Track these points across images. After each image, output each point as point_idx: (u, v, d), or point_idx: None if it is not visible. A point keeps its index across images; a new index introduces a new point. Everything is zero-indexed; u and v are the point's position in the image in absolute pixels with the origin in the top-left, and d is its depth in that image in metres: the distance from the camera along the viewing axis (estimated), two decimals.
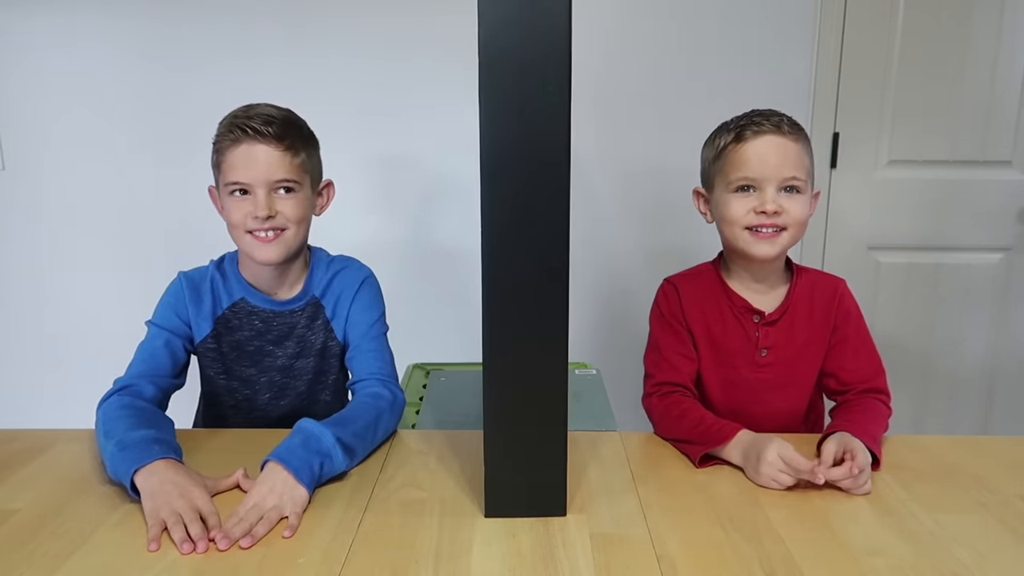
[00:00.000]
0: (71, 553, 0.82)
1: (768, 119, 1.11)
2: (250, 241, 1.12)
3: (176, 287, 1.19)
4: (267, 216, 1.10)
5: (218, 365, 1.21)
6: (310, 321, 1.21)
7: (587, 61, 1.78)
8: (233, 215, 1.12)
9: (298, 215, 1.13)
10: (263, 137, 1.08)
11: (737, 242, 1.13)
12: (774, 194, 1.09)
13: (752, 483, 0.99)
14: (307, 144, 1.15)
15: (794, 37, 2.05)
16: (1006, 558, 0.82)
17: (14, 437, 1.12)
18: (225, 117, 1.13)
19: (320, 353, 1.23)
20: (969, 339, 2.25)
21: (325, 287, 1.22)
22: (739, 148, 1.10)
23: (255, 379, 1.22)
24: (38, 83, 2.07)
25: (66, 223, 2.16)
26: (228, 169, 1.10)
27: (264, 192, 1.10)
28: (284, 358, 1.22)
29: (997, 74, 2.08)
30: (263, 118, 1.09)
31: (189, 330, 1.18)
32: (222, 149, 1.11)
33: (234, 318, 1.19)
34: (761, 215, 1.09)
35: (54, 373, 2.25)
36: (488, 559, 0.82)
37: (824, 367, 1.20)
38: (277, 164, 1.10)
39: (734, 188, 1.12)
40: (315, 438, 0.97)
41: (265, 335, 1.20)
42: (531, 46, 0.78)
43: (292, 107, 1.17)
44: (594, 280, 2.18)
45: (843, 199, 2.16)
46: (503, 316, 0.85)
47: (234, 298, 1.19)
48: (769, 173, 1.09)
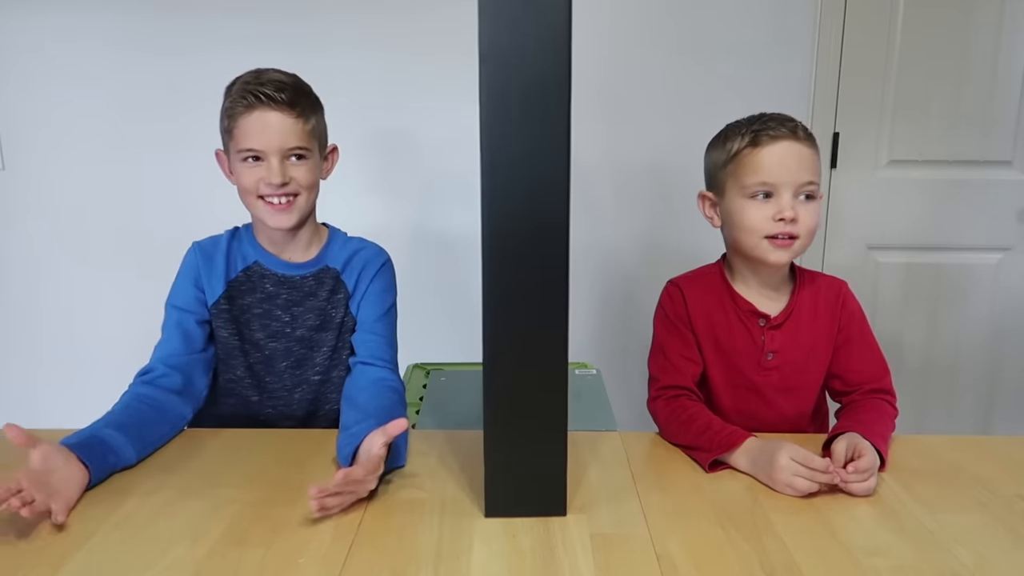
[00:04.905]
0: (71, 553, 0.81)
1: (783, 124, 1.10)
2: (263, 207, 1.15)
3: (191, 257, 1.22)
4: (281, 183, 1.12)
5: (231, 327, 1.21)
6: (330, 294, 1.22)
7: (587, 61, 1.78)
8: (245, 180, 1.14)
9: (309, 181, 1.16)
10: (276, 104, 1.10)
11: (755, 250, 1.12)
12: (791, 201, 1.09)
13: (752, 483, 0.99)
14: (315, 110, 1.17)
15: (794, 37, 2.05)
16: (1006, 558, 0.82)
17: None
18: (234, 83, 1.14)
19: (339, 327, 1.23)
20: (969, 339, 2.25)
21: (346, 261, 1.23)
22: (756, 153, 1.10)
23: (265, 343, 1.22)
24: (38, 83, 2.07)
25: (66, 223, 2.16)
26: (241, 136, 1.12)
27: (277, 160, 1.12)
28: (304, 329, 1.22)
29: (997, 74, 2.08)
30: (275, 84, 1.11)
31: (204, 295, 1.20)
32: (235, 115, 1.12)
33: (247, 281, 1.21)
34: (780, 223, 1.09)
35: (53, 373, 2.25)
36: (488, 559, 0.82)
37: (830, 369, 1.20)
38: (291, 131, 1.12)
39: (750, 194, 1.10)
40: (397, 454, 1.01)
41: (275, 298, 1.21)
42: (531, 45, 0.78)
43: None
44: (594, 280, 2.18)
45: (843, 199, 2.16)
46: (503, 316, 0.85)
47: (248, 262, 1.22)
48: (787, 179, 1.09)
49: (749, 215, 1.11)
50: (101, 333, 2.20)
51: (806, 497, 0.95)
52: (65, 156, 2.12)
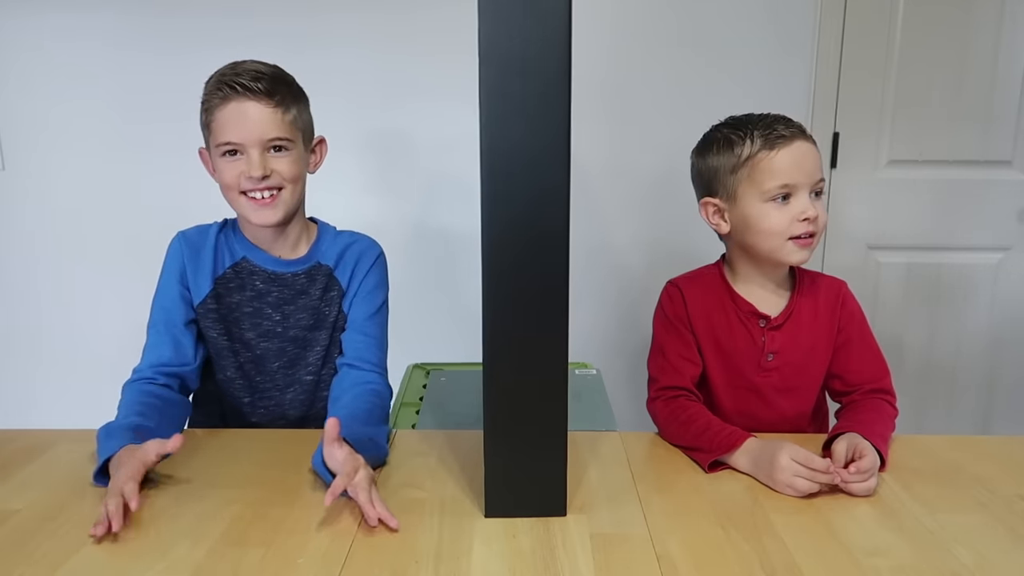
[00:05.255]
0: (71, 553, 0.81)
1: (789, 125, 1.11)
2: (245, 203, 1.11)
3: (175, 250, 1.17)
4: (262, 176, 1.08)
5: (220, 326, 1.17)
6: (323, 292, 1.19)
7: (587, 60, 1.77)
8: (226, 176, 1.10)
9: (293, 173, 1.11)
10: (253, 94, 1.06)
11: (778, 253, 1.11)
12: (808, 199, 1.09)
13: (752, 483, 0.99)
14: (297, 100, 1.13)
15: (794, 37, 2.05)
16: (1006, 558, 0.82)
17: (14, 437, 1.11)
18: (212, 76, 1.10)
19: (332, 326, 1.21)
20: (969, 339, 2.25)
21: (338, 257, 1.20)
22: (772, 156, 1.09)
23: (256, 343, 1.19)
24: (37, 83, 2.07)
25: (66, 223, 2.16)
26: (218, 129, 1.08)
27: (257, 152, 1.08)
28: (297, 329, 1.19)
29: (997, 74, 2.08)
30: (251, 74, 1.07)
31: (189, 293, 1.16)
32: (211, 108, 1.08)
33: (236, 277, 1.17)
34: (804, 223, 1.09)
35: (54, 372, 2.25)
36: (488, 559, 0.82)
37: (830, 369, 1.20)
38: (269, 122, 1.07)
39: (770, 197, 1.10)
40: (375, 444, 1.00)
41: (266, 296, 1.18)
42: (531, 46, 0.78)
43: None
44: (594, 280, 2.18)
45: (843, 199, 2.16)
46: (503, 316, 0.85)
47: (236, 257, 1.18)
48: (804, 179, 1.09)
49: (772, 219, 1.10)
50: (100, 331, 2.20)
51: (806, 497, 0.95)
52: (65, 155, 2.12)
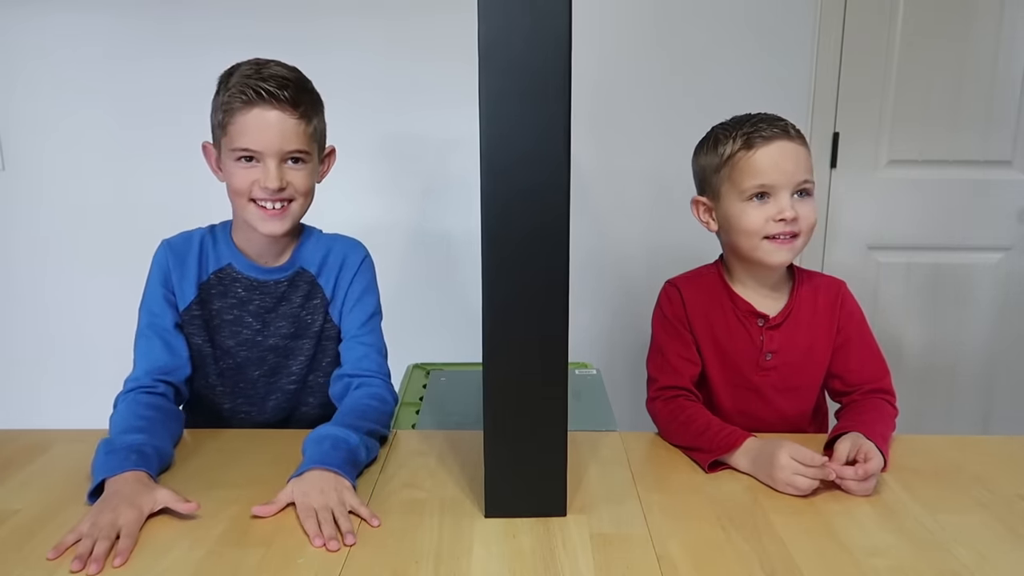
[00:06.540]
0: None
1: (774, 124, 1.10)
2: (254, 211, 1.08)
3: (160, 257, 1.15)
4: (278, 188, 1.06)
5: (204, 333, 1.16)
6: (305, 300, 1.17)
7: (587, 60, 1.78)
8: (238, 181, 1.07)
9: (306, 187, 1.10)
10: (277, 102, 1.03)
11: (756, 252, 1.12)
12: (789, 200, 1.09)
13: (752, 483, 0.99)
14: (317, 109, 1.11)
15: (794, 37, 2.05)
16: (1006, 558, 0.82)
17: (14, 437, 1.11)
18: (231, 73, 1.07)
19: (318, 335, 1.18)
20: (969, 339, 2.25)
21: (321, 262, 1.17)
22: (751, 155, 1.09)
23: (236, 351, 1.17)
24: (38, 83, 2.07)
25: (66, 223, 2.16)
26: (237, 134, 1.05)
27: (275, 163, 1.05)
28: (277, 338, 1.17)
29: (997, 74, 2.07)
30: (278, 80, 1.04)
31: (175, 297, 1.14)
32: (232, 110, 1.04)
33: (219, 284, 1.15)
34: (780, 223, 1.09)
35: (54, 373, 2.25)
36: (488, 559, 0.82)
37: (829, 369, 1.20)
38: (291, 133, 1.05)
39: (748, 196, 1.10)
40: (343, 440, 0.98)
41: (247, 304, 1.15)
42: (531, 47, 0.78)
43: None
44: (594, 280, 2.18)
45: (843, 199, 2.16)
46: (503, 316, 0.85)
47: (221, 263, 1.15)
48: (784, 179, 1.09)
49: (747, 217, 1.11)
50: (103, 333, 2.19)
51: (806, 497, 0.95)
52: (65, 156, 2.12)
